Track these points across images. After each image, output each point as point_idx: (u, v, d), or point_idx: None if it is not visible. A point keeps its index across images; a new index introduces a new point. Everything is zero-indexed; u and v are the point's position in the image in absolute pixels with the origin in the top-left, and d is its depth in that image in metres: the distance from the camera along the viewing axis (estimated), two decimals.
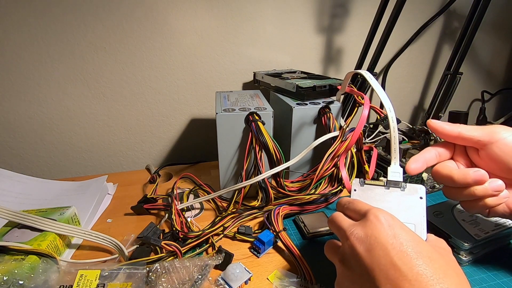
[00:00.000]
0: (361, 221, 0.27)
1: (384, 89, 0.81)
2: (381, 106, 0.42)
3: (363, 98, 0.46)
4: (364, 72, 0.41)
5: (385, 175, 0.36)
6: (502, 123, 0.86)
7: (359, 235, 0.26)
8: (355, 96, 0.49)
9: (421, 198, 0.32)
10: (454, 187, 0.33)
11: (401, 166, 0.34)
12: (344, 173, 0.46)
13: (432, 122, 0.34)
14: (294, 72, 0.66)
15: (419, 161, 0.34)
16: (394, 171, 0.34)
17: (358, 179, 0.35)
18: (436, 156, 0.35)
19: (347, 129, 0.49)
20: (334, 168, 0.49)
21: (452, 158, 0.36)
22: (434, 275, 0.22)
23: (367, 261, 0.24)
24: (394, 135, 0.34)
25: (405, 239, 0.24)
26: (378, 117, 0.46)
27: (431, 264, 0.23)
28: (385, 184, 0.33)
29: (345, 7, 0.71)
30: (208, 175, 0.62)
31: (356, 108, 0.50)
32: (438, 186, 0.55)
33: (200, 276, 0.34)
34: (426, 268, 0.22)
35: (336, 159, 0.47)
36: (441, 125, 0.34)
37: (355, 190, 0.34)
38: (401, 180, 0.33)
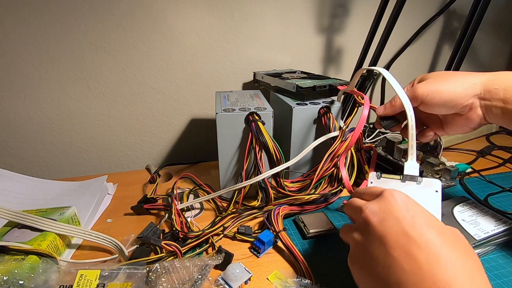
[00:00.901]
0: (376, 199, 0.28)
1: (384, 90, 0.82)
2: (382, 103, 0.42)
3: (363, 98, 0.46)
4: (381, 69, 0.41)
5: (385, 173, 0.37)
6: None
7: (373, 209, 0.27)
8: (355, 96, 0.49)
9: (436, 191, 0.33)
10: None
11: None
12: (344, 173, 0.46)
13: (379, 112, 0.41)
14: (294, 72, 0.66)
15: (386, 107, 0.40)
16: (411, 166, 0.35)
17: (374, 172, 0.36)
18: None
19: (347, 129, 0.49)
20: (334, 168, 0.49)
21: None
22: (443, 246, 0.23)
23: (379, 229, 0.25)
24: (412, 133, 0.35)
25: (417, 213, 0.25)
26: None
27: (441, 237, 0.23)
28: (401, 178, 0.34)
29: (345, 7, 0.71)
30: (208, 175, 0.62)
31: (356, 108, 0.50)
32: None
33: (200, 276, 0.34)
34: (436, 238, 0.23)
35: (336, 159, 0.47)
36: (382, 113, 0.41)
37: (371, 182, 0.35)
38: (418, 174, 0.34)
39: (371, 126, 0.77)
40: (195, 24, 0.63)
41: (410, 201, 0.26)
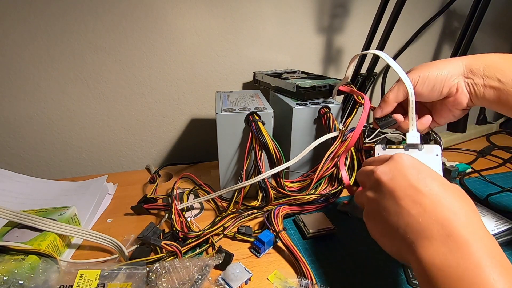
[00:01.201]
0: (386, 162, 0.31)
1: (384, 90, 0.82)
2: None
3: (363, 98, 0.46)
4: (378, 52, 0.42)
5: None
6: (502, 123, 0.86)
7: (383, 170, 0.30)
8: (354, 96, 0.49)
9: (437, 155, 0.37)
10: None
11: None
12: (344, 173, 0.46)
13: (377, 114, 0.43)
14: (294, 72, 0.66)
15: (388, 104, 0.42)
16: (412, 136, 0.39)
17: (380, 144, 0.39)
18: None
19: (347, 129, 0.49)
20: (334, 168, 0.49)
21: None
22: (445, 193, 0.26)
23: (390, 185, 0.28)
24: (412, 106, 0.38)
25: (422, 169, 0.29)
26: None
27: (443, 187, 0.27)
28: (405, 147, 0.38)
29: (345, 7, 0.71)
30: (208, 175, 0.62)
31: (356, 108, 0.50)
32: None
33: (200, 276, 0.34)
34: (438, 188, 0.27)
35: (336, 159, 0.48)
36: (391, 99, 0.41)
37: (378, 153, 0.39)
38: (419, 142, 0.38)
39: (371, 126, 0.77)
40: (195, 24, 0.63)
41: (416, 161, 0.30)
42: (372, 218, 0.30)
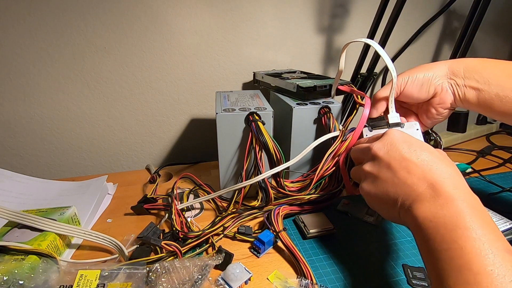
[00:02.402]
0: (380, 139, 0.35)
1: None
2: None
3: (363, 99, 0.46)
4: (367, 40, 0.44)
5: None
6: (502, 123, 0.86)
7: (379, 146, 0.34)
8: (354, 96, 0.49)
9: (417, 130, 0.41)
10: None
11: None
12: (344, 172, 0.46)
13: (373, 115, 0.44)
14: (294, 72, 0.66)
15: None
16: (393, 116, 0.43)
17: (366, 127, 0.43)
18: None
19: (347, 129, 0.49)
20: (334, 168, 0.49)
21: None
22: (433, 161, 0.30)
23: (386, 158, 0.33)
24: (393, 92, 0.42)
25: (412, 142, 0.33)
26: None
27: (431, 155, 0.31)
28: (388, 127, 0.42)
29: (345, 7, 0.71)
30: (208, 175, 0.62)
31: (356, 108, 0.50)
32: None
33: (200, 276, 0.34)
34: (427, 157, 0.31)
35: (337, 158, 0.47)
36: (382, 95, 0.44)
37: (366, 135, 0.43)
38: (399, 121, 0.42)
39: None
40: (195, 24, 0.63)
41: (405, 135, 0.34)
42: (371, 189, 0.34)
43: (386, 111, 0.44)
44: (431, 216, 0.27)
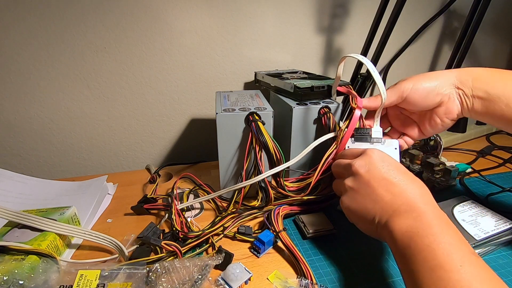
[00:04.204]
0: (360, 156, 0.37)
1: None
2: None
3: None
4: (359, 56, 0.44)
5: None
6: None
7: (360, 163, 0.36)
8: (350, 98, 0.49)
9: (395, 149, 0.43)
10: None
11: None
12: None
13: (358, 104, 0.45)
14: (296, 72, 0.66)
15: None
16: (376, 131, 0.45)
17: (350, 139, 0.45)
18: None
19: (347, 129, 0.49)
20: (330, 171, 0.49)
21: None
22: (408, 182, 0.34)
23: (367, 177, 0.35)
24: (380, 108, 0.44)
25: (391, 162, 0.36)
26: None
27: (406, 178, 0.34)
28: (370, 141, 0.44)
29: (345, 7, 0.71)
30: (208, 175, 0.62)
31: (352, 111, 0.50)
32: (437, 186, 0.55)
33: (200, 276, 0.34)
34: (403, 178, 0.34)
35: (330, 161, 0.47)
36: (365, 104, 0.45)
37: (348, 146, 0.44)
38: (381, 137, 0.44)
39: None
40: (195, 24, 0.63)
41: (384, 155, 0.36)
42: (351, 204, 0.36)
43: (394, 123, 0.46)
44: (406, 227, 0.30)
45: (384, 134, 0.47)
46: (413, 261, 0.28)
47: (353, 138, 0.44)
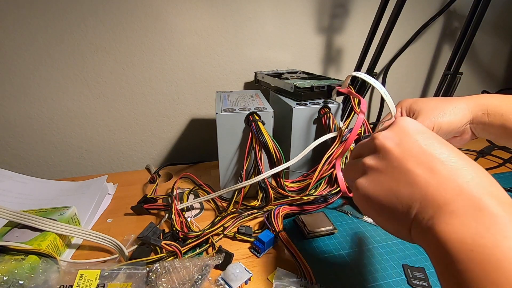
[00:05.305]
0: (389, 127, 0.27)
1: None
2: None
3: (359, 103, 0.46)
4: (359, 73, 0.42)
5: None
6: None
7: (387, 135, 0.26)
8: (352, 100, 0.49)
9: None
10: None
11: None
12: (339, 175, 0.46)
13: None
14: (296, 72, 0.66)
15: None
16: None
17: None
18: None
19: (346, 129, 0.49)
20: (333, 168, 0.49)
21: None
22: (459, 159, 0.23)
23: (398, 151, 0.24)
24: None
25: (431, 135, 0.25)
26: (362, 134, 0.48)
27: (454, 152, 0.24)
28: None
29: (345, 7, 0.71)
30: (208, 175, 0.62)
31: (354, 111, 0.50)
32: None
33: (200, 276, 0.34)
34: (452, 154, 0.23)
35: (335, 160, 0.48)
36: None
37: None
38: None
39: (371, 126, 0.77)
40: (195, 24, 0.63)
41: (419, 125, 0.26)
42: (373, 188, 0.25)
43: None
44: (471, 239, 0.19)
45: None
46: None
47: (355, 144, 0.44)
